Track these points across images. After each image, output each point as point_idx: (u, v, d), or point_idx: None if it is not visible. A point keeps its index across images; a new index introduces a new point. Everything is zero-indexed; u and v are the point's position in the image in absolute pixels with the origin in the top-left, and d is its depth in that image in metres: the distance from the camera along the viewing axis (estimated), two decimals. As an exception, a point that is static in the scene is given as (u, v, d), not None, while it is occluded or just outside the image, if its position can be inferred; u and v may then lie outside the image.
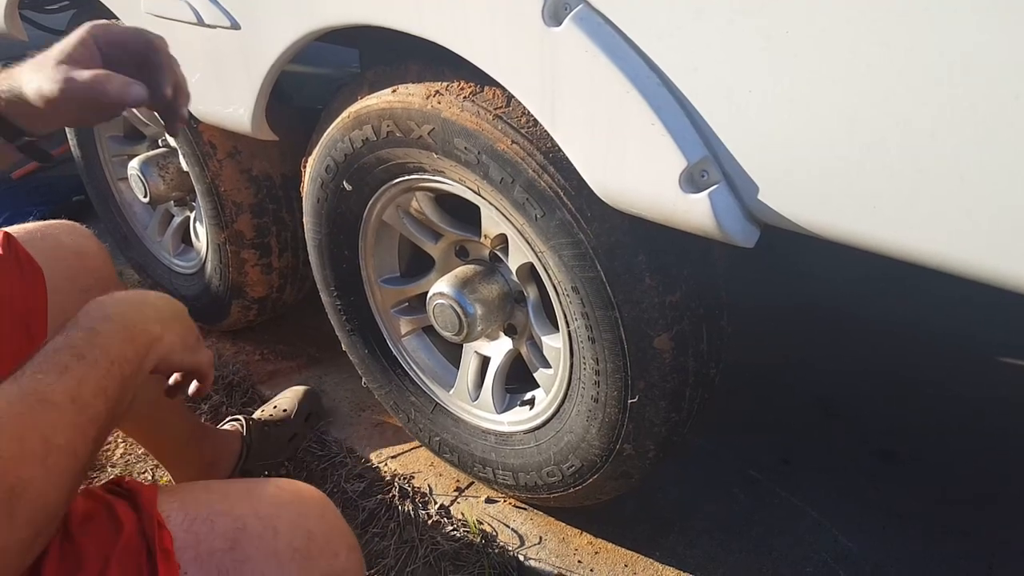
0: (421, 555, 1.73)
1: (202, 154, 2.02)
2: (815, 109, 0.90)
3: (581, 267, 1.30)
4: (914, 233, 0.89)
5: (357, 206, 1.65)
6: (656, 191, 1.07)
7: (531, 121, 1.26)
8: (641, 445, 1.45)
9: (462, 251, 1.67)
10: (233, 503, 0.92)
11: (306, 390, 2.12)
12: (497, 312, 1.58)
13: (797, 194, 0.96)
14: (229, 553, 0.87)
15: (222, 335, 2.51)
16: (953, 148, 0.82)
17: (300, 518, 0.95)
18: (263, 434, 1.94)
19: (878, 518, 1.75)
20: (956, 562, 1.65)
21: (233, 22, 1.53)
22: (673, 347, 1.33)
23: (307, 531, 0.94)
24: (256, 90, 1.59)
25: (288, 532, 0.92)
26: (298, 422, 2.03)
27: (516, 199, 1.32)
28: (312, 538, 0.94)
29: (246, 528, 0.90)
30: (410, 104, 1.39)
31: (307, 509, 0.98)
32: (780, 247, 1.36)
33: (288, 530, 0.93)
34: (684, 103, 1.00)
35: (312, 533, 0.95)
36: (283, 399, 2.08)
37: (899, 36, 0.82)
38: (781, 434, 1.98)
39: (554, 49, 1.08)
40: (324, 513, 0.99)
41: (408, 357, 1.85)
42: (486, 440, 1.73)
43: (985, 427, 1.97)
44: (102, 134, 2.53)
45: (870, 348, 2.24)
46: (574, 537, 1.75)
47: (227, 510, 0.91)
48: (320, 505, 1.00)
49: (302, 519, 0.95)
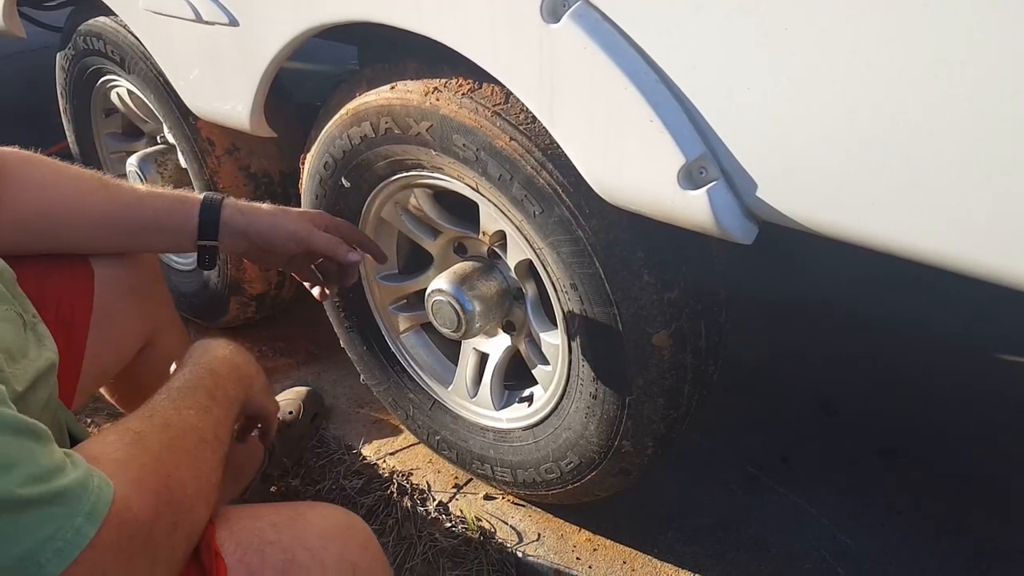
0: (419, 552, 1.73)
1: (200, 151, 2.02)
2: (813, 106, 0.90)
3: (579, 264, 1.30)
4: (912, 230, 0.89)
5: (355, 203, 1.65)
6: (654, 188, 1.07)
7: (529, 118, 1.26)
8: (639, 442, 1.45)
9: (460, 248, 1.67)
10: (281, 533, 0.94)
11: (308, 391, 2.10)
12: (495, 309, 1.58)
13: (795, 191, 0.96)
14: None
15: (221, 332, 2.50)
16: (951, 145, 0.82)
17: (345, 551, 0.97)
18: (279, 438, 1.91)
19: (877, 515, 1.75)
20: (955, 559, 1.65)
21: (231, 19, 1.53)
22: (672, 344, 1.33)
23: (352, 564, 0.96)
24: (254, 87, 1.58)
25: (335, 566, 0.94)
26: (304, 423, 2.02)
27: (514, 196, 1.32)
28: (357, 571, 0.97)
29: (295, 560, 0.92)
30: (409, 101, 1.39)
31: (352, 541, 0.99)
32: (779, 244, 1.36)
33: (335, 563, 0.95)
34: (682, 100, 1.00)
35: (357, 566, 0.97)
36: (287, 401, 2.05)
37: (897, 33, 0.82)
38: (780, 431, 1.98)
39: (553, 46, 1.08)
40: (367, 545, 1.01)
41: (406, 354, 1.85)
42: (484, 437, 1.73)
43: (984, 424, 1.97)
44: (100, 131, 2.53)
45: (869, 345, 2.24)
46: (572, 534, 1.75)
47: (276, 539, 0.94)
48: (363, 537, 1.02)
49: (347, 552, 0.97)
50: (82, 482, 0.75)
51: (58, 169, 1.26)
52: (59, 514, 0.72)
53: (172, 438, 0.91)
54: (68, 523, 0.73)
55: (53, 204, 1.22)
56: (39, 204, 1.21)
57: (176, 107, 1.97)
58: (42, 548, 0.71)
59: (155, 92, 2.03)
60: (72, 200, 1.24)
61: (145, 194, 1.30)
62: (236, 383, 1.08)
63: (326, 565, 0.93)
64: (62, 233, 1.25)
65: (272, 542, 0.93)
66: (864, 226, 0.93)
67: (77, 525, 0.73)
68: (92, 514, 0.74)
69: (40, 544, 0.71)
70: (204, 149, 2.01)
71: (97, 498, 0.76)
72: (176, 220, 1.31)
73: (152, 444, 0.88)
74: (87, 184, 1.26)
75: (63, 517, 0.72)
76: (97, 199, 1.26)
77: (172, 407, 0.96)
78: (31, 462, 0.73)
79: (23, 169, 1.22)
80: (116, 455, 0.84)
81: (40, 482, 0.72)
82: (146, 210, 1.29)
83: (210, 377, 1.04)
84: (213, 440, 0.97)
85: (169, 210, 1.30)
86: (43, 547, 0.71)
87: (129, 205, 1.28)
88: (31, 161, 1.24)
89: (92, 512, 0.74)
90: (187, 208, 1.31)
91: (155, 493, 0.82)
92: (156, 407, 0.95)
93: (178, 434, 0.92)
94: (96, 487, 0.76)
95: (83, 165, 2.44)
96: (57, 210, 1.23)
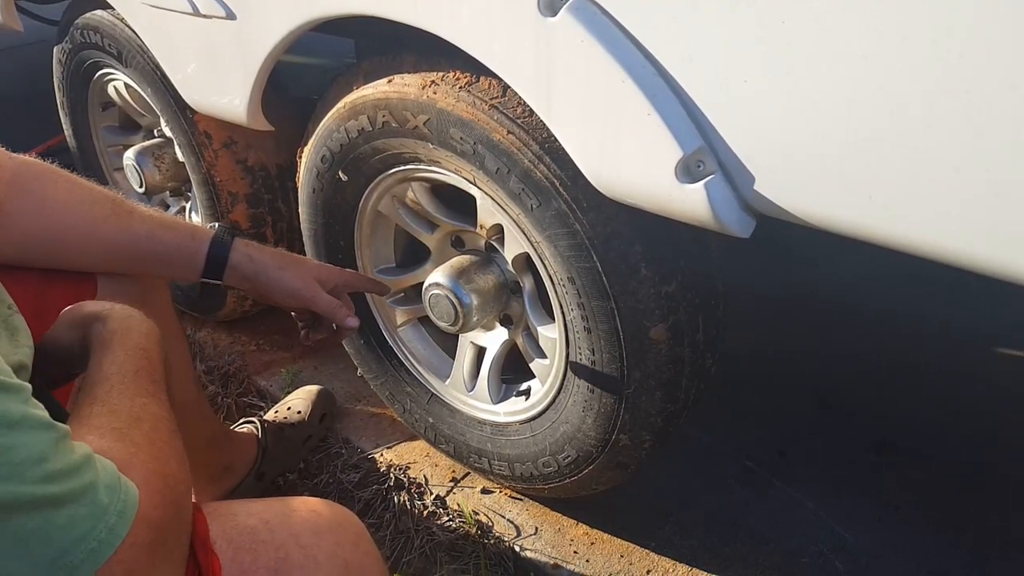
0: (417, 546, 1.73)
1: (198, 144, 2.01)
2: (811, 99, 0.90)
3: (577, 257, 1.30)
4: (910, 223, 0.89)
5: (353, 196, 1.65)
6: (652, 181, 1.07)
7: (527, 111, 1.26)
8: (637, 435, 1.45)
9: (458, 241, 1.67)
10: (274, 531, 0.94)
11: (319, 390, 2.08)
12: (493, 302, 1.58)
13: (793, 184, 0.96)
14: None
15: (217, 325, 2.50)
16: (949, 138, 0.82)
17: (338, 547, 0.97)
18: (278, 437, 1.91)
19: (874, 509, 1.76)
20: (953, 553, 1.65)
21: (229, 12, 1.53)
22: (669, 338, 1.33)
23: (344, 561, 0.97)
24: (252, 80, 1.58)
25: (327, 563, 0.95)
26: (313, 423, 1.99)
27: (512, 189, 1.32)
28: (348, 568, 0.97)
29: (288, 559, 0.92)
30: (406, 94, 1.39)
31: (344, 538, 0.99)
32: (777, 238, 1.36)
33: (327, 560, 0.95)
34: (680, 93, 1.00)
35: (348, 563, 0.97)
36: (297, 400, 2.04)
37: (894, 25, 0.81)
38: (778, 425, 1.99)
39: (550, 39, 1.08)
40: (359, 542, 1.01)
41: (404, 347, 1.85)
42: (482, 430, 1.73)
43: (982, 418, 1.97)
44: (98, 124, 2.53)
45: (867, 340, 2.24)
46: (570, 528, 1.76)
47: (269, 538, 0.93)
48: (355, 533, 1.02)
49: (339, 548, 0.97)
50: (109, 483, 0.74)
51: (73, 189, 1.26)
52: (92, 514, 0.71)
53: (148, 432, 0.88)
54: (102, 523, 0.71)
55: (65, 229, 1.24)
56: (51, 226, 1.23)
57: (173, 101, 1.97)
58: (75, 548, 0.70)
59: (152, 86, 2.03)
60: (84, 226, 1.25)
61: (156, 226, 1.31)
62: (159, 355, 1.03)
63: (319, 562, 0.94)
64: (70, 256, 1.26)
65: (264, 541, 0.93)
66: (862, 220, 0.93)
67: (111, 524, 0.72)
68: (123, 513, 0.74)
69: (74, 544, 0.70)
70: (201, 143, 2.01)
71: (126, 497, 0.75)
72: (184, 257, 1.33)
73: (138, 440, 0.86)
74: (100, 210, 1.27)
75: (95, 517, 0.71)
76: (109, 229, 1.27)
77: (126, 398, 0.91)
78: (61, 459, 0.71)
79: (39, 185, 1.23)
80: (115, 455, 0.81)
81: (68, 479, 0.71)
82: (155, 244, 1.31)
83: (144, 357, 0.98)
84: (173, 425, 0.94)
85: (178, 246, 1.32)
86: (76, 547, 0.70)
87: (139, 238, 1.29)
88: (48, 176, 1.25)
89: (123, 512, 0.74)
90: (196, 245, 1.33)
91: (161, 492, 0.81)
92: (110, 400, 0.90)
93: (151, 427, 0.89)
94: (124, 486, 0.76)
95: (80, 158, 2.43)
96: (68, 236, 1.24)
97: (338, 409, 2.14)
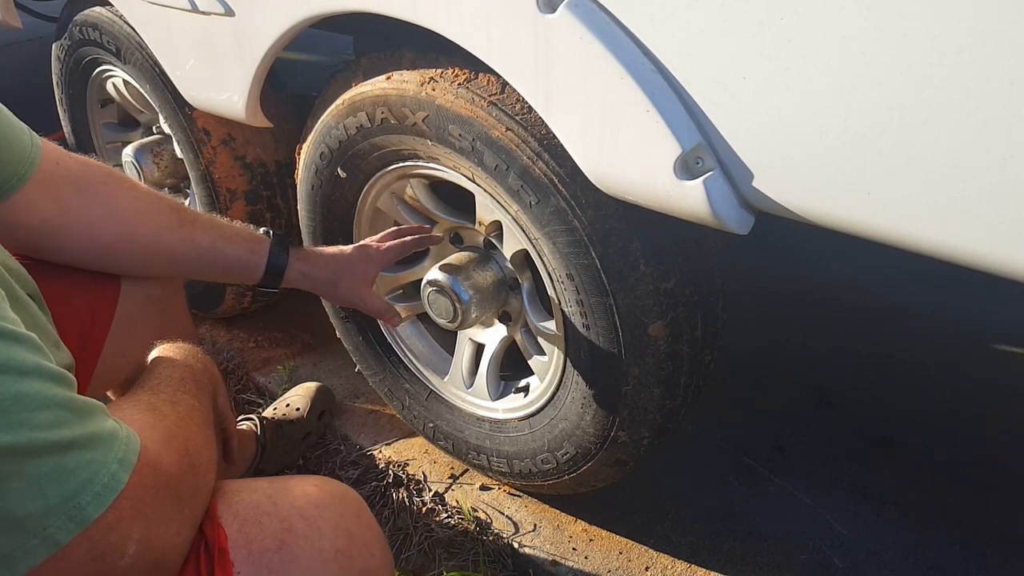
0: (415, 542, 1.73)
1: (196, 141, 2.01)
2: (809, 95, 0.90)
3: (576, 254, 1.30)
4: (909, 220, 0.89)
5: (351, 193, 1.65)
6: (651, 178, 1.06)
7: (526, 108, 1.26)
8: (635, 432, 1.46)
9: (456, 238, 1.67)
10: (278, 504, 0.96)
11: (318, 387, 2.08)
12: (491, 299, 1.58)
13: (792, 181, 0.96)
14: (277, 553, 0.91)
15: (216, 322, 2.51)
16: (947, 134, 0.82)
17: (341, 519, 0.99)
18: (277, 434, 1.91)
19: (873, 505, 1.76)
20: (951, 549, 1.65)
21: (227, 9, 1.52)
22: (668, 334, 1.34)
23: (347, 531, 0.98)
24: (250, 77, 1.58)
25: (331, 533, 0.96)
26: (311, 420, 2.00)
27: (510, 186, 1.32)
28: (352, 538, 0.98)
29: (292, 529, 0.94)
30: (404, 91, 1.39)
31: (346, 510, 1.01)
32: (776, 234, 1.36)
33: (331, 531, 0.96)
34: (678, 90, 1.00)
35: (352, 533, 0.98)
36: (296, 397, 2.04)
37: (893, 22, 0.81)
38: (776, 422, 1.99)
39: (549, 36, 1.08)
40: (360, 514, 1.03)
41: (402, 344, 1.85)
42: (480, 427, 1.74)
43: (980, 414, 1.97)
44: (96, 121, 2.52)
45: (865, 335, 2.24)
46: (569, 524, 1.76)
47: (273, 511, 0.95)
48: (356, 506, 1.04)
49: (343, 519, 0.99)
50: (112, 430, 0.80)
51: (139, 196, 1.30)
52: (95, 459, 0.76)
53: (182, 413, 0.97)
54: (104, 468, 0.76)
55: (133, 239, 1.28)
56: (122, 233, 1.27)
57: (172, 97, 1.97)
58: (83, 490, 0.74)
59: (151, 82, 2.03)
60: (151, 236, 1.30)
61: (217, 238, 1.37)
62: (209, 382, 1.12)
63: (323, 532, 0.95)
64: (137, 263, 1.31)
65: (269, 513, 0.95)
66: (860, 216, 0.93)
67: (113, 470, 0.77)
68: (124, 461, 0.78)
69: (82, 486, 0.74)
70: (200, 139, 2.00)
71: (127, 446, 0.80)
72: (244, 269, 1.41)
73: (168, 413, 0.94)
74: (165, 220, 1.31)
75: (99, 462, 0.76)
76: (173, 240, 1.32)
77: (168, 392, 1.00)
78: (71, 407, 0.77)
79: (107, 191, 1.26)
80: (140, 417, 0.90)
81: (77, 425, 0.76)
82: (217, 256, 1.37)
83: (190, 373, 1.08)
84: (210, 423, 1.03)
85: (238, 259, 1.39)
86: (84, 489, 0.74)
87: (203, 251, 1.35)
88: (114, 182, 1.28)
89: (123, 459, 0.79)
90: (256, 260, 1.40)
91: (180, 453, 0.88)
92: (155, 388, 1.00)
93: (187, 411, 0.98)
94: (125, 436, 0.81)
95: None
96: (135, 248, 1.29)
97: (337, 406, 2.13)
